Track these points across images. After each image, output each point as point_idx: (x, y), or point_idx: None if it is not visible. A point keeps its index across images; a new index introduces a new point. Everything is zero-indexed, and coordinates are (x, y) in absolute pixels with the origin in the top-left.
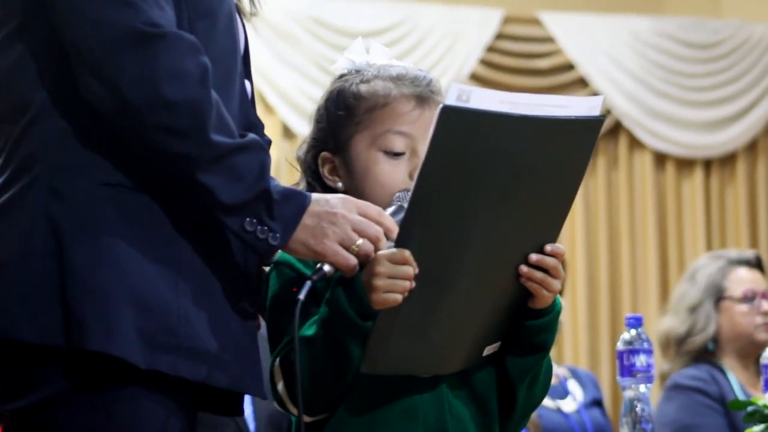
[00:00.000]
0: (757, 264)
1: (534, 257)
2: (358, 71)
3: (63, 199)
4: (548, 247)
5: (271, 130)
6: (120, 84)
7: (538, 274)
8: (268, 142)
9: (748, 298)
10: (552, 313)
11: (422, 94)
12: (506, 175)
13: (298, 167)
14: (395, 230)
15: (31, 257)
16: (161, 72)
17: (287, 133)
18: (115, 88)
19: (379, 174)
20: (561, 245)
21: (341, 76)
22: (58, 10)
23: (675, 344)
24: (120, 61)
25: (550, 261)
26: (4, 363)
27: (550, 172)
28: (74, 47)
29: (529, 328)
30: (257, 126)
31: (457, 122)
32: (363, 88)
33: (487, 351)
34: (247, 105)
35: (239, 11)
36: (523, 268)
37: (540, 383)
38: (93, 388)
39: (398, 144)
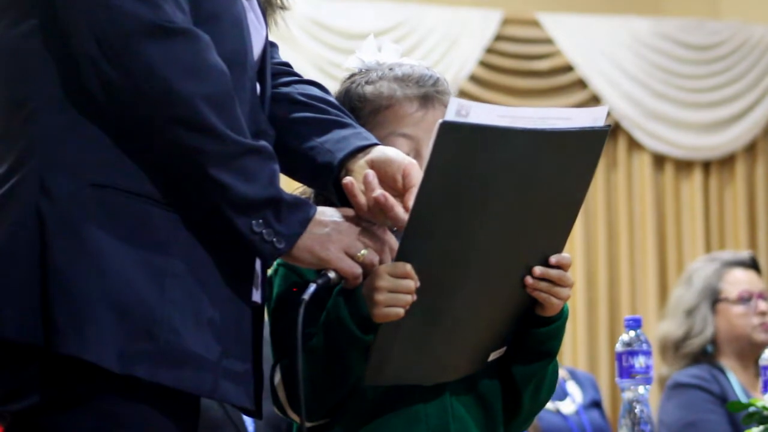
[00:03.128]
0: (752, 264)
1: (538, 270)
2: (367, 70)
3: (51, 196)
4: (552, 259)
5: None
6: (137, 75)
7: (543, 285)
8: None
9: (744, 299)
10: (559, 320)
11: (427, 94)
12: (510, 188)
13: None
14: (395, 247)
15: (17, 253)
16: (180, 66)
17: None
18: (133, 80)
19: None
20: (567, 255)
21: (351, 76)
22: (74, 3)
23: (673, 348)
24: (138, 52)
25: (553, 273)
26: (1, 363)
27: (554, 184)
28: (92, 40)
29: (536, 335)
30: (267, 134)
31: (457, 137)
32: (368, 89)
33: (493, 356)
34: (257, 111)
35: (263, 10)
36: (528, 279)
37: (545, 387)
38: (96, 388)
39: (402, 146)
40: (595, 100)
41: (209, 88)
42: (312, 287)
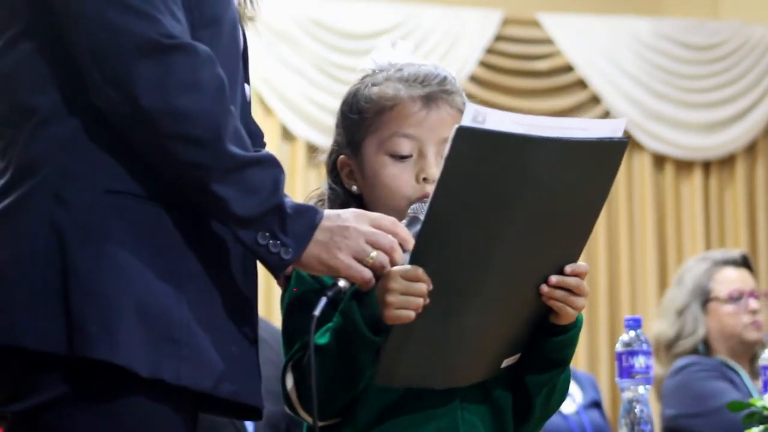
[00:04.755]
0: (743, 263)
1: (554, 279)
2: (378, 72)
3: (67, 205)
4: (568, 269)
5: (270, 133)
6: (135, 92)
7: (559, 293)
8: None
9: (734, 297)
10: (574, 329)
11: (430, 94)
12: (527, 196)
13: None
14: (411, 240)
15: (35, 262)
16: (177, 82)
17: (286, 135)
18: (130, 95)
19: (386, 177)
20: (583, 264)
21: (363, 77)
22: (72, 16)
23: (665, 348)
24: (136, 69)
25: (571, 281)
26: (6, 367)
27: (571, 194)
28: (89, 55)
29: (550, 344)
30: (256, 134)
31: (473, 143)
32: (374, 90)
33: (506, 363)
34: (246, 112)
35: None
36: (544, 288)
37: (557, 394)
38: (96, 391)
39: (404, 147)
40: (595, 100)
41: (208, 102)
42: (323, 301)
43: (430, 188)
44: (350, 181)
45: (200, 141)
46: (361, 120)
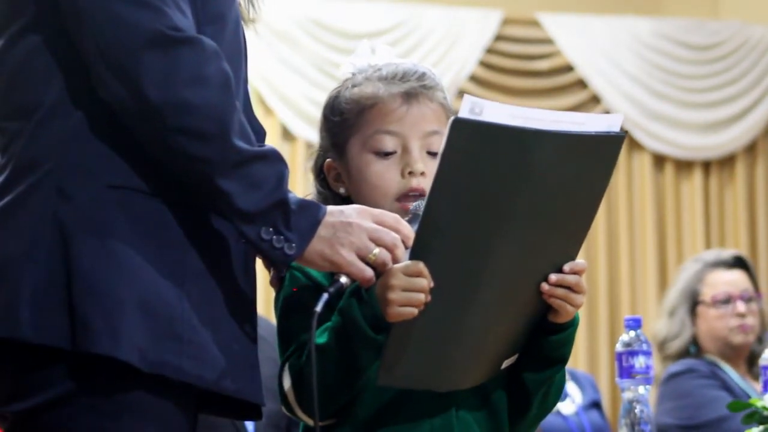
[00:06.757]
0: (737, 264)
1: (554, 277)
2: (359, 73)
3: (70, 200)
4: (566, 267)
5: (270, 132)
6: (141, 84)
7: (560, 291)
8: None
9: (720, 301)
10: (572, 327)
11: (410, 90)
12: (524, 189)
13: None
14: (412, 237)
15: (38, 257)
16: (184, 75)
17: (286, 135)
18: (136, 88)
19: (372, 175)
20: (581, 261)
21: (344, 81)
22: (78, 9)
23: (658, 348)
24: (142, 62)
25: (570, 279)
26: (7, 365)
27: (569, 189)
28: (95, 48)
29: (549, 342)
30: (258, 132)
31: (470, 135)
32: (354, 91)
33: (506, 363)
34: (249, 111)
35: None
36: (545, 286)
37: (553, 393)
38: (97, 389)
39: (387, 144)
40: (595, 100)
41: (214, 96)
42: (324, 297)
43: (416, 181)
44: (337, 183)
45: (205, 135)
46: (343, 121)
